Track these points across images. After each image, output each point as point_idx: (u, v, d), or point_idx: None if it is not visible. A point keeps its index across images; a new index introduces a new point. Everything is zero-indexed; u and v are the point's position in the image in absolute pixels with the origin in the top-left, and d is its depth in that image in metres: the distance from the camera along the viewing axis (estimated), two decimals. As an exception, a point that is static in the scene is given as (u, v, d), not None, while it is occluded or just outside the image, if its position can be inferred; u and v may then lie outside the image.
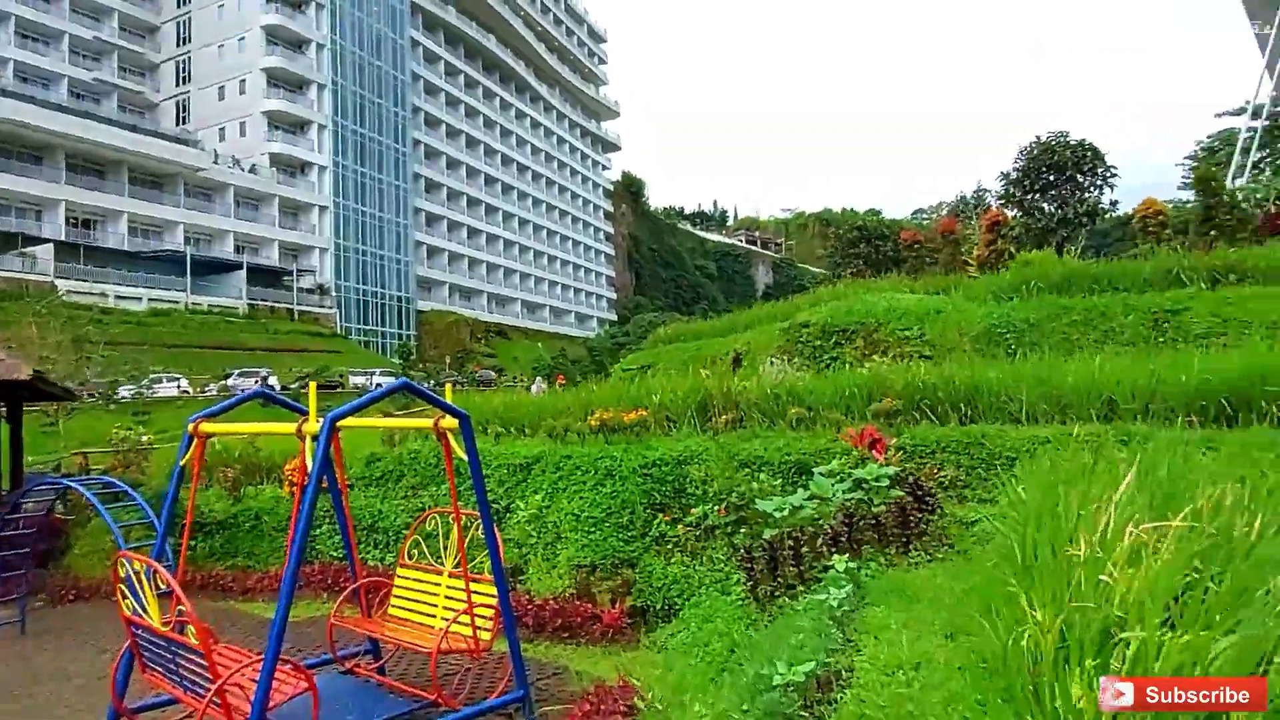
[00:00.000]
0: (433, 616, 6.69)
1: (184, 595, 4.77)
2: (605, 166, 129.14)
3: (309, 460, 4.82)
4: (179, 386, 42.82)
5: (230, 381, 44.92)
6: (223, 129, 71.16)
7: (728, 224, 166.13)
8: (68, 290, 50.62)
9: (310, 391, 5.49)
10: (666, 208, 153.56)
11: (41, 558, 12.37)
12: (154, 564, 5.02)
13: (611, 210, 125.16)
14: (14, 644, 9.53)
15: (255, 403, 7.09)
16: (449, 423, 5.57)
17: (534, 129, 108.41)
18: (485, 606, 6.35)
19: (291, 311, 67.68)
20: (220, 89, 71.65)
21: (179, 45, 73.87)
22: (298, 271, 69.28)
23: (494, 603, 6.30)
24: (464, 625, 6.20)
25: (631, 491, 9.17)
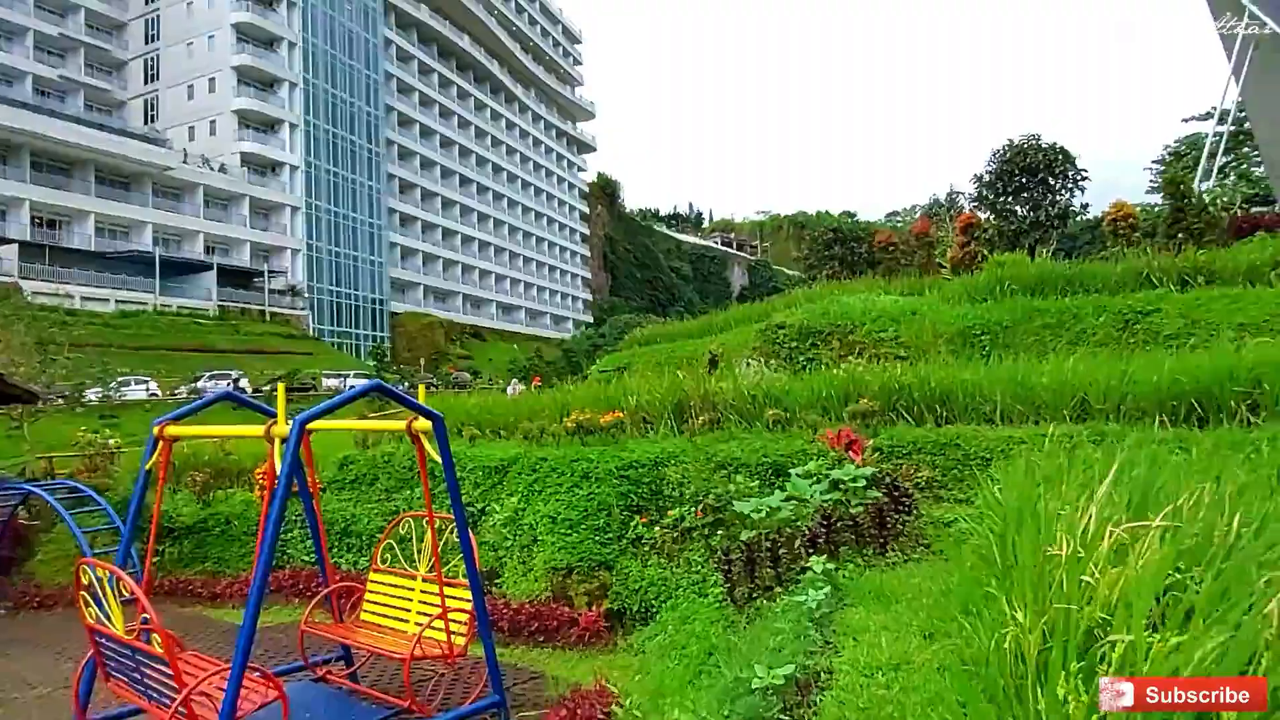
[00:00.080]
0: (406, 622, 6.59)
1: (148, 602, 4.64)
2: (581, 168, 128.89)
3: (278, 463, 4.71)
4: (148, 389, 42.11)
5: (201, 384, 44.26)
6: (192, 128, 70.13)
7: (703, 226, 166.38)
8: (33, 291, 49.70)
9: (279, 393, 5.37)
10: (642, 209, 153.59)
11: (4, 564, 12.09)
12: (117, 571, 4.88)
13: (587, 211, 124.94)
14: (-26, 653, 9.29)
15: (227, 406, 6.94)
16: (422, 424, 5.48)
17: (509, 129, 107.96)
18: (460, 611, 6.26)
19: (263, 313, 66.87)
20: (189, 87, 70.61)
21: (147, 42, 72.71)
22: (269, 273, 68.44)
23: (469, 607, 6.21)
24: (438, 630, 6.10)
25: (608, 493, 9.11)
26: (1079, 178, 23.83)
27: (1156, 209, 26.68)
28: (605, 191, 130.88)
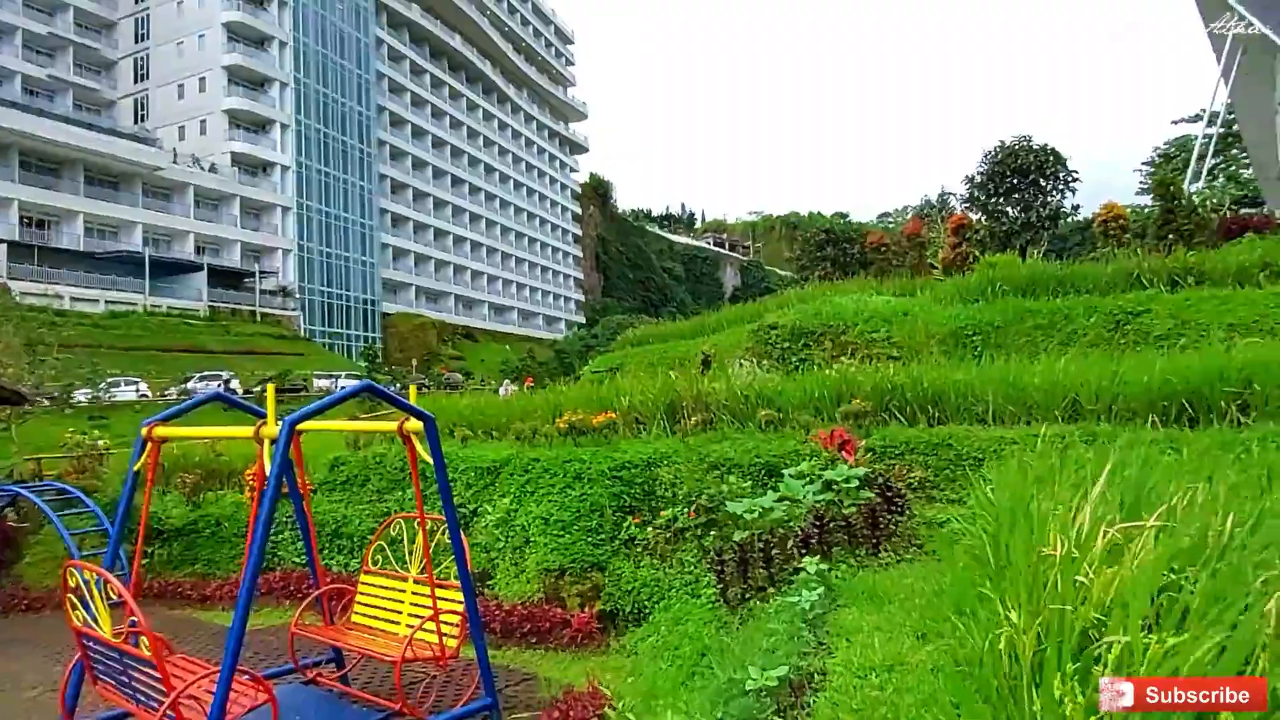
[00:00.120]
0: (397, 624, 6.55)
1: (136, 605, 4.60)
2: (573, 168, 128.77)
3: (267, 465, 4.68)
4: (138, 390, 41.90)
5: (191, 385, 44.04)
6: (182, 127, 69.74)
7: (695, 226, 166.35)
8: (21, 292, 49.36)
9: (268, 394, 5.33)
10: (634, 210, 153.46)
11: (-9, 566, 12.00)
12: (105, 573, 4.84)
13: (579, 212, 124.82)
14: (-39, 656, 9.21)
15: (218, 407, 6.90)
16: (413, 425, 5.45)
17: (501, 130, 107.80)
18: (451, 613, 6.23)
19: (254, 313, 66.58)
20: (180, 87, 70.21)
21: (137, 42, 72.30)
22: (260, 273, 68.12)
23: (460, 609, 6.17)
24: (429, 632, 6.07)
25: (600, 494, 9.09)
26: (1070, 179, 23.92)
27: (1146, 210, 26.79)
28: (597, 192, 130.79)
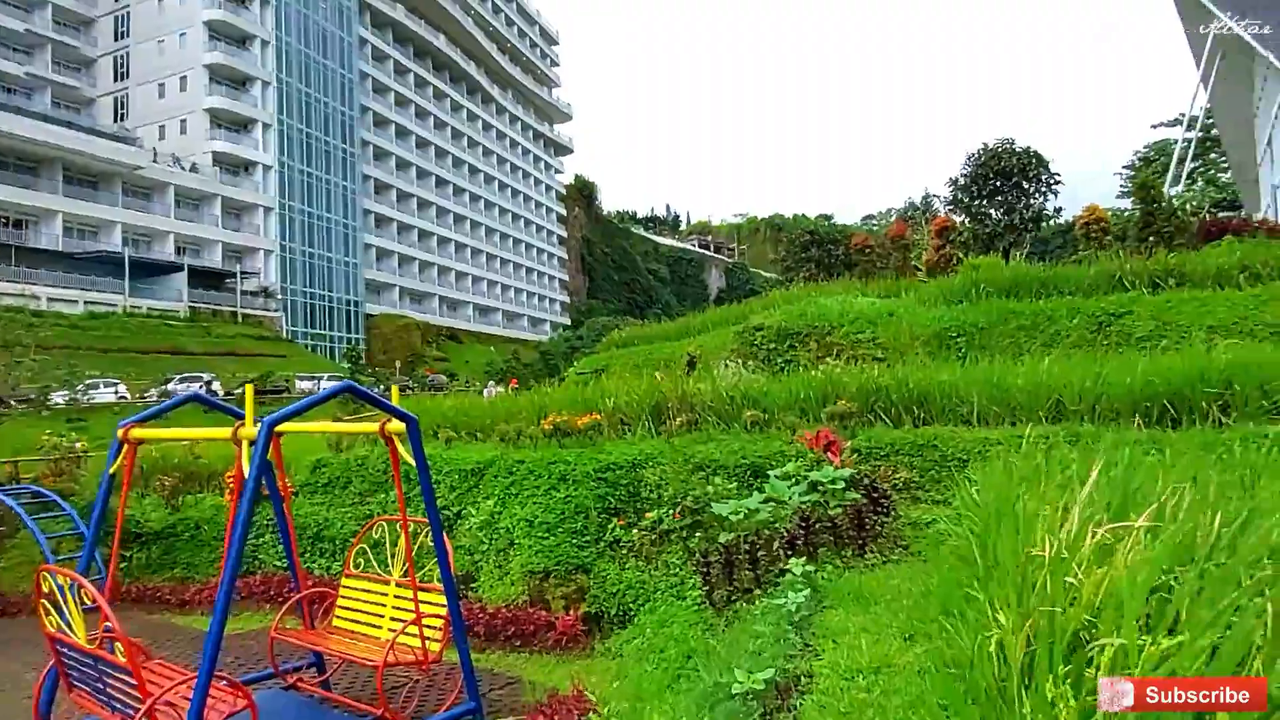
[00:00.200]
0: (379, 628, 6.47)
1: (110, 610, 4.50)
2: (558, 169, 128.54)
3: (246, 466, 4.59)
4: (117, 392, 41.42)
5: (171, 386, 43.56)
6: (163, 126, 69.03)
7: (680, 228, 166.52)
8: (-2, 292, 48.75)
9: (247, 395, 5.24)
10: (620, 211, 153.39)
11: (-35, 571, 11.80)
12: (78, 578, 4.74)
13: (564, 213, 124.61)
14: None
15: (199, 409, 6.80)
16: (395, 427, 5.37)
17: (486, 131, 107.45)
18: (434, 616, 6.15)
19: (235, 314, 65.99)
20: (160, 85, 69.52)
21: (117, 39, 71.53)
22: (241, 274, 67.54)
23: (443, 612, 6.10)
24: (412, 636, 5.99)
25: (585, 496, 9.04)
26: (1053, 181, 24.07)
27: (1126, 213, 27.01)
28: (582, 193, 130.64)
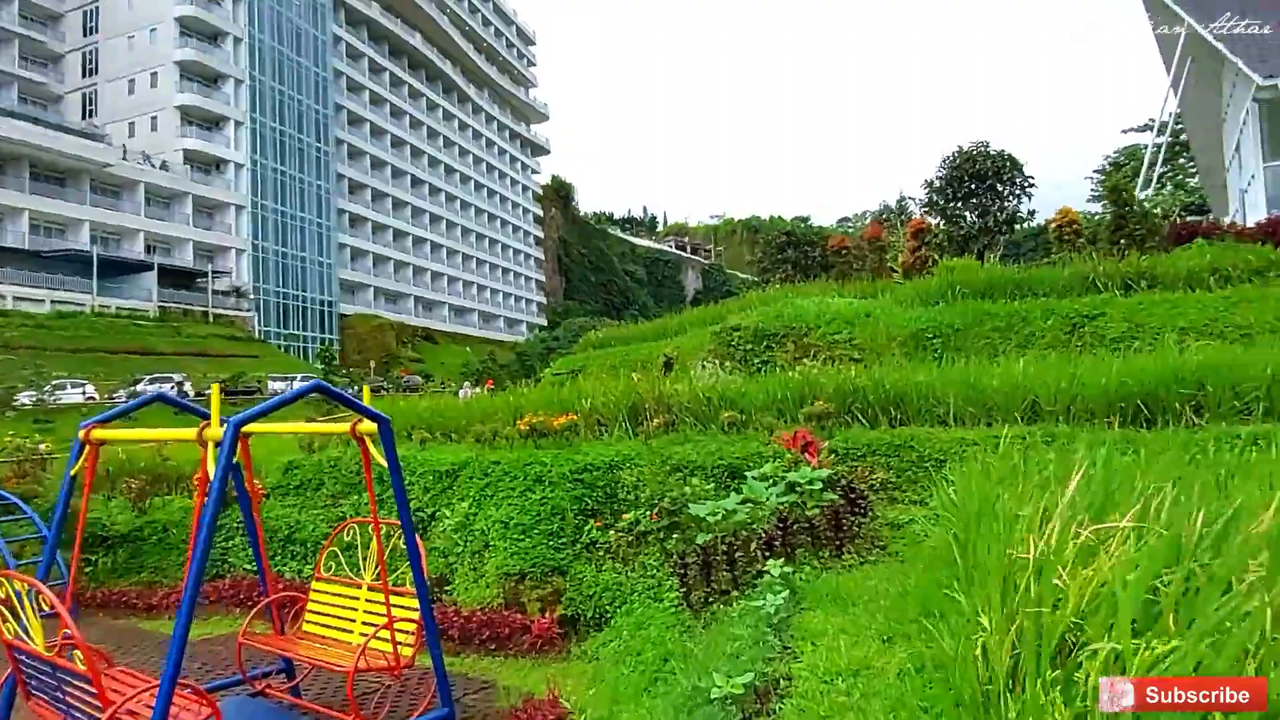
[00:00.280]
0: (350, 632, 6.33)
1: (69, 616, 4.36)
2: (535, 170, 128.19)
3: (211, 468, 4.47)
4: (84, 393, 40.77)
5: (140, 387, 42.87)
6: (132, 123, 68.03)
7: (657, 229, 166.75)
8: (-39, 291, 47.79)
9: (213, 395, 5.10)
10: (596, 212, 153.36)
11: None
12: (36, 583, 4.58)
13: (541, 214, 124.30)
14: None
15: (168, 409, 6.63)
16: (367, 427, 5.26)
17: (462, 130, 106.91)
18: (407, 620, 6.03)
19: (207, 314, 65.16)
20: (130, 82, 68.51)
21: (85, 35, 70.40)
22: (213, 273, 66.69)
23: (416, 616, 5.98)
24: (384, 641, 5.86)
25: (561, 497, 8.94)
26: (1026, 184, 24.32)
27: (1097, 217, 27.32)
28: (559, 194, 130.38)
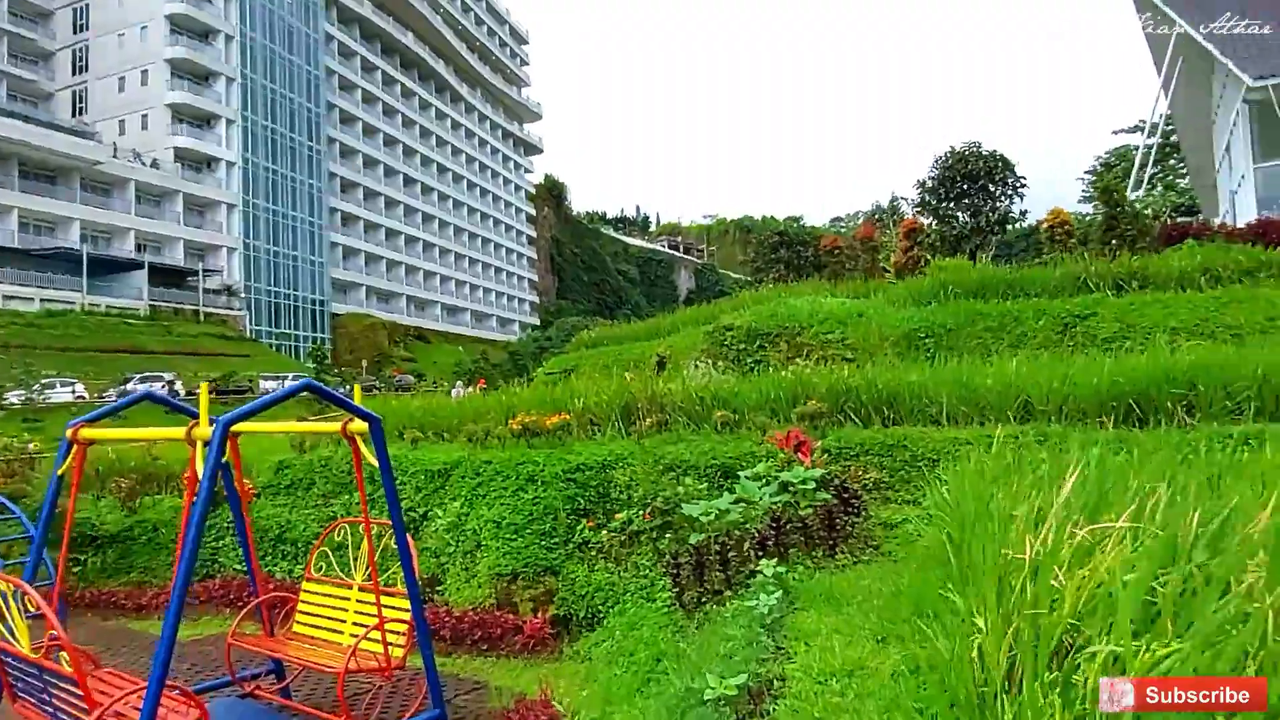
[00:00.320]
0: (341, 633, 6.29)
1: (55, 617, 4.31)
2: (527, 169, 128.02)
3: (200, 468, 4.42)
4: (74, 392, 40.57)
5: (131, 386, 42.63)
6: (123, 121, 67.70)
7: (650, 229, 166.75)
8: (-51, 289, 47.48)
9: (201, 394, 5.05)
10: (589, 212, 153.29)
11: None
12: (21, 584, 4.53)
13: (534, 213, 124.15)
14: None
15: (159, 409, 6.57)
16: (358, 426, 5.21)
17: (454, 129, 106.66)
18: (398, 621, 5.99)
19: (197, 313, 64.89)
20: (120, 80, 68.17)
21: (75, 32, 70.00)
22: (204, 272, 66.41)
23: (407, 616, 5.94)
24: (374, 642, 5.82)
25: (554, 497, 8.91)
26: (1018, 185, 24.33)
27: (1089, 217, 27.39)
28: (552, 193, 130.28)
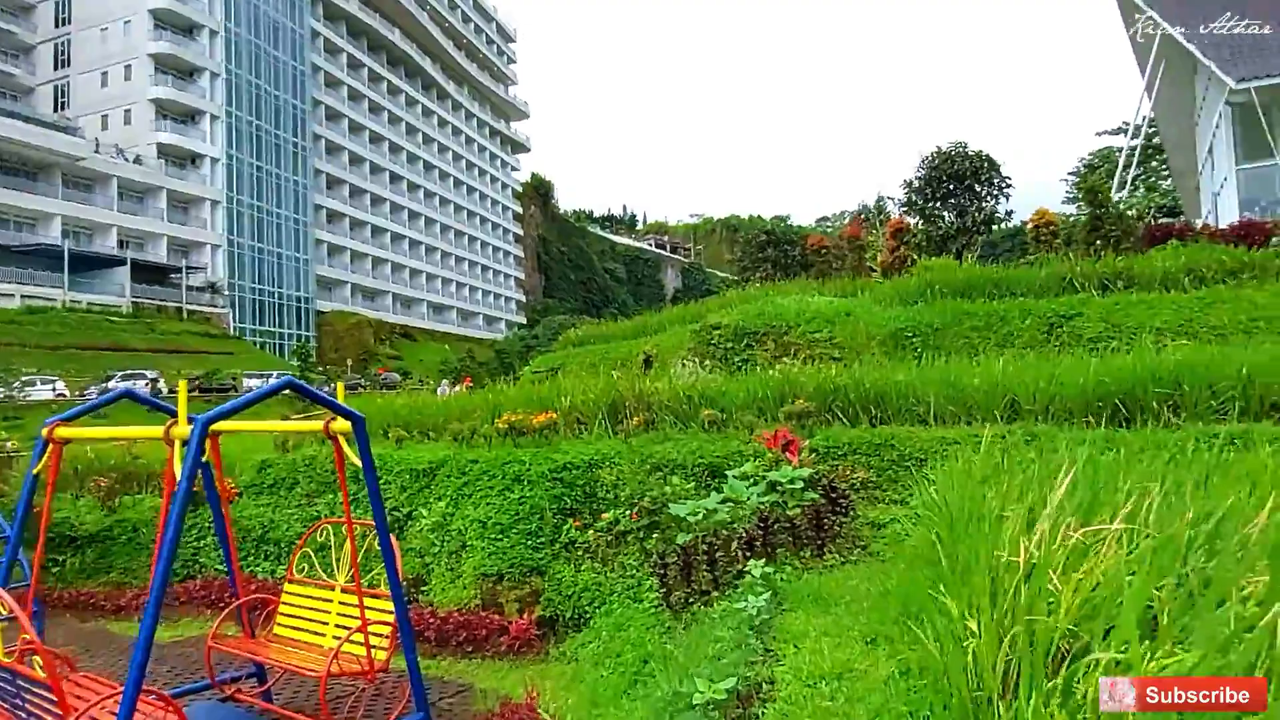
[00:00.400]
0: (323, 635, 6.19)
1: (28, 620, 4.21)
2: (514, 167, 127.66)
3: (178, 467, 4.32)
4: (55, 389, 40.16)
5: (112, 384, 42.23)
6: (105, 116, 67.03)
7: (637, 228, 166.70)
8: (-73, 286, 46.89)
9: (180, 391, 4.95)
10: (576, 210, 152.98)
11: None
12: (-6, 587, 4.42)
13: (520, 211, 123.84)
14: None
15: (140, 407, 6.47)
16: (341, 425, 5.12)
17: (441, 127, 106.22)
18: (381, 623, 5.90)
19: (181, 310, 64.31)
20: (103, 74, 67.48)
21: (57, 26, 69.24)
22: (187, 269, 65.85)
23: (391, 618, 5.85)
24: (357, 644, 5.73)
25: (540, 497, 8.83)
26: (1004, 185, 24.48)
27: (1073, 218, 27.58)
28: (539, 191, 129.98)
